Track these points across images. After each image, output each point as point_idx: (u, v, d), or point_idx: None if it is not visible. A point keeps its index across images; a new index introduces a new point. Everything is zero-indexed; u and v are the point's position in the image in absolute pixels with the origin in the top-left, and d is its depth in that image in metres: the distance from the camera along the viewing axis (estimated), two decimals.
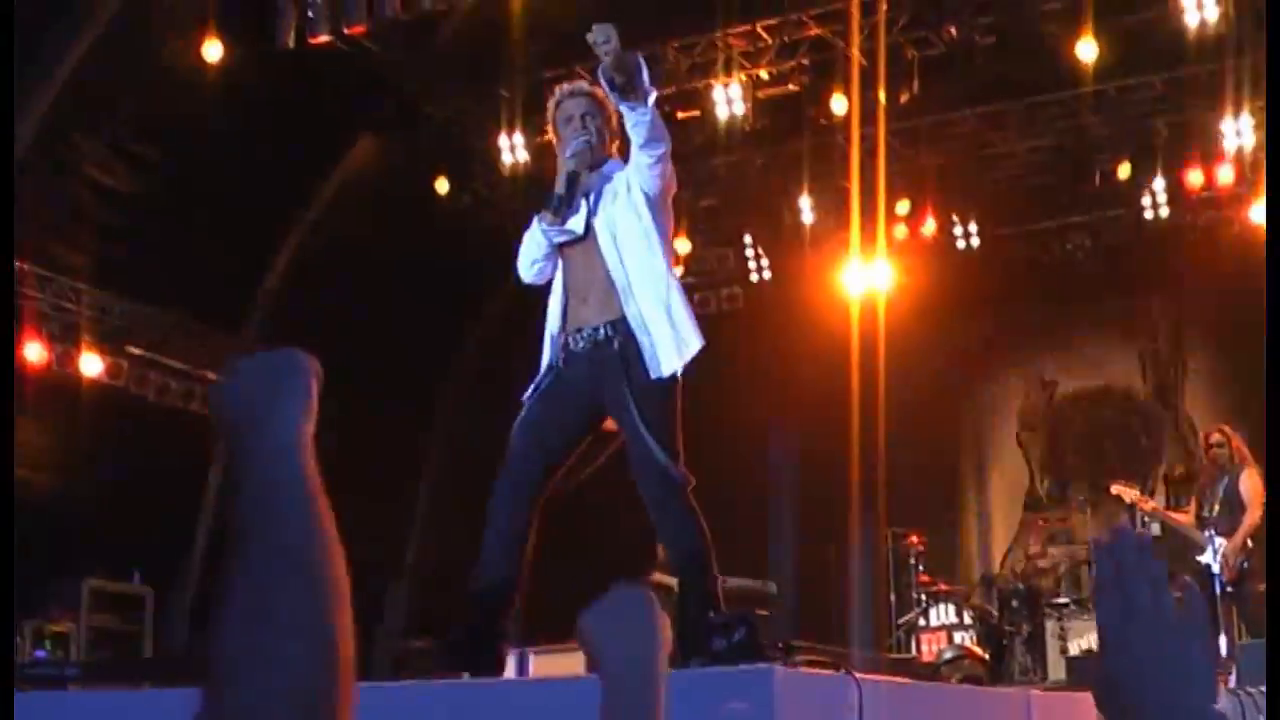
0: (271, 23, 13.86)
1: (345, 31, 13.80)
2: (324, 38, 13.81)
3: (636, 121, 6.13)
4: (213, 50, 13.89)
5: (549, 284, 6.59)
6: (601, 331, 6.22)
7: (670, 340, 6.12)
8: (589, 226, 6.28)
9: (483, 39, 15.80)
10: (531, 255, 6.46)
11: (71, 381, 15.01)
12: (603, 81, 6.15)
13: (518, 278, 6.61)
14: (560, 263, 6.44)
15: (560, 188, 6.27)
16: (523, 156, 15.93)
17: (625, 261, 6.19)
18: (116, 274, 15.07)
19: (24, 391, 14.61)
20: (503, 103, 16.16)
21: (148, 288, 15.51)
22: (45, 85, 14.14)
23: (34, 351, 14.65)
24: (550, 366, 6.35)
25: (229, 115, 14.68)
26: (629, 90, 6.05)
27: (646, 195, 6.25)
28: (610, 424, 6.34)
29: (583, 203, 6.30)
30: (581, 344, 6.28)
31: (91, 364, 15.14)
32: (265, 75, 14.56)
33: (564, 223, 6.30)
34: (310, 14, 13.73)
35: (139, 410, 15.61)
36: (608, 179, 6.34)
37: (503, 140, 15.98)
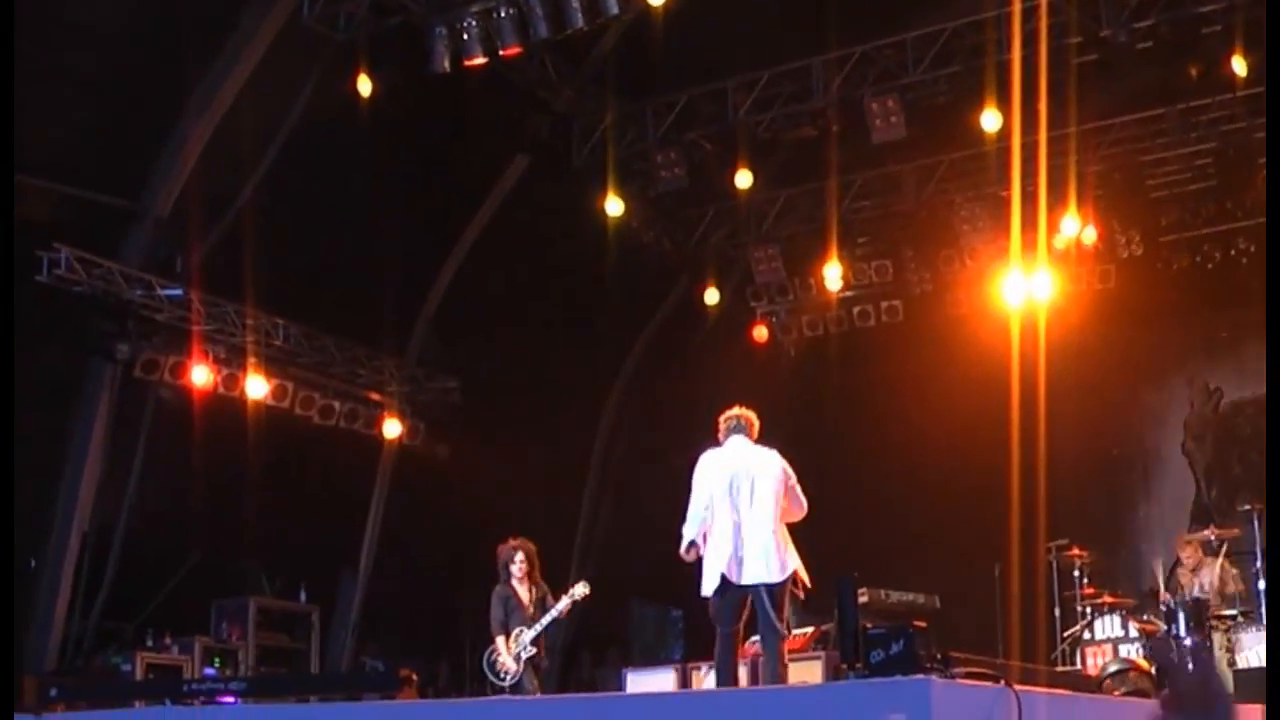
0: (426, 49, 13.99)
1: (500, 54, 13.89)
2: (479, 60, 13.91)
3: None
4: (365, 85, 14.10)
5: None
6: None
7: None
8: None
9: (633, 57, 15.87)
10: None
11: (237, 404, 15.26)
12: None
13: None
14: None
15: None
16: (677, 170, 15.95)
17: None
18: (281, 298, 15.29)
19: (191, 413, 14.88)
20: (654, 119, 16.23)
21: (312, 311, 15.78)
22: (199, 123, 14.46)
23: (200, 374, 14.89)
24: None
25: (385, 143, 14.84)
26: None
27: None
28: None
29: None
30: None
31: (257, 386, 15.36)
32: (420, 101, 14.73)
33: None
34: (465, 38, 13.85)
35: (304, 431, 15.85)
36: None
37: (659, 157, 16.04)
